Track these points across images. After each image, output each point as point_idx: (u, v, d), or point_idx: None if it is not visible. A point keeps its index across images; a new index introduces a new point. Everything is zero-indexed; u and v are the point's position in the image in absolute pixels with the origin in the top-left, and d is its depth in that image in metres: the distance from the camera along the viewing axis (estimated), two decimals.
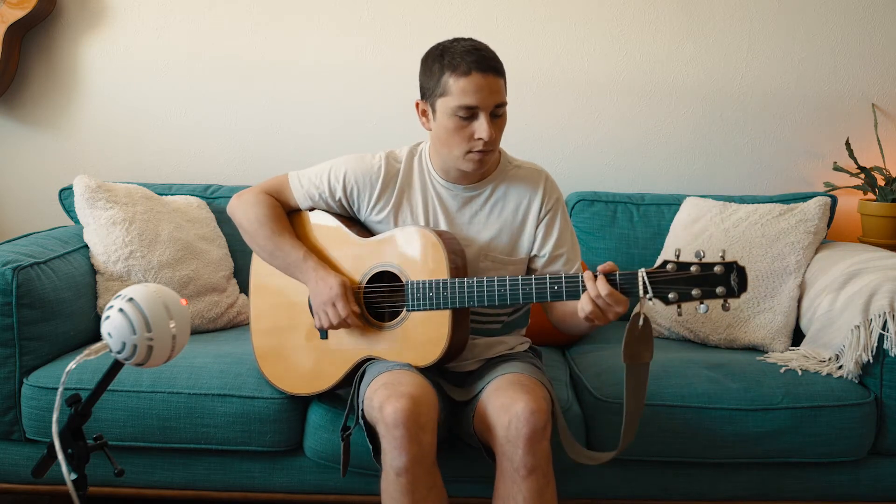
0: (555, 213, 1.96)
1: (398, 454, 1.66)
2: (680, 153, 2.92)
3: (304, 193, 2.00)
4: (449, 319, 1.82)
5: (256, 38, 2.89)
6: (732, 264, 1.59)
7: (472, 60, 1.77)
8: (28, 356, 2.12)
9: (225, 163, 2.94)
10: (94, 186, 2.44)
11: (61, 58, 2.90)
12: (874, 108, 2.87)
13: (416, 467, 1.67)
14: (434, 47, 1.86)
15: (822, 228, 2.48)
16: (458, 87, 1.77)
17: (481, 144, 1.81)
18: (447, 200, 1.96)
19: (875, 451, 2.10)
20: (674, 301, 1.61)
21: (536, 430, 1.68)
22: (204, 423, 2.05)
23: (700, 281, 1.60)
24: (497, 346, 2.00)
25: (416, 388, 1.73)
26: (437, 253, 1.83)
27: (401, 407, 1.66)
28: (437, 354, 1.83)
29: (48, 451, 1.41)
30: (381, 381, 1.76)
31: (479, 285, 1.77)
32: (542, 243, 1.95)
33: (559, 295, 1.71)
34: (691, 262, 1.60)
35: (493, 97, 1.79)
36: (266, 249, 1.99)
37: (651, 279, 1.62)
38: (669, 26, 2.87)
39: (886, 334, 2.04)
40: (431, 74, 1.83)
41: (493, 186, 1.95)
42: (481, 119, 1.79)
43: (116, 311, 1.34)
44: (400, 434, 1.65)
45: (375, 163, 1.97)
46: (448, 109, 1.80)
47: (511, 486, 1.70)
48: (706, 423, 2.03)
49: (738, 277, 1.59)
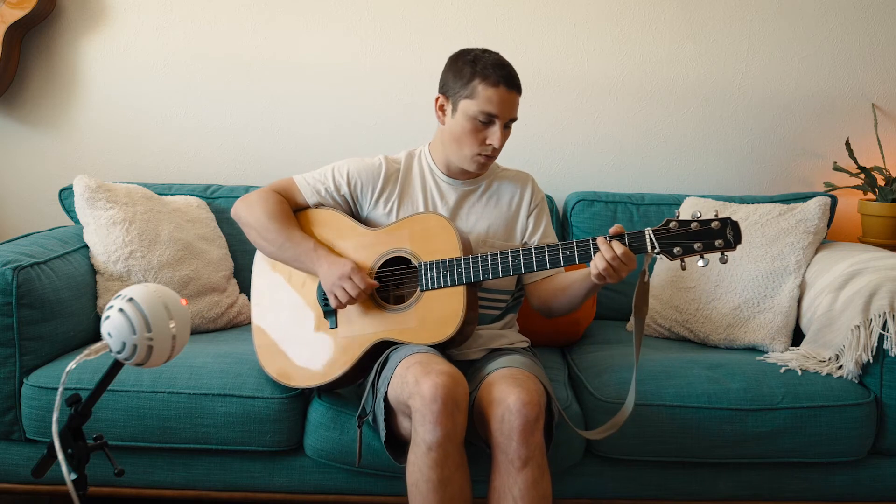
0: (541, 210, 2.13)
1: (433, 427, 1.69)
2: (680, 153, 2.92)
3: (311, 190, 2.08)
4: (463, 296, 1.89)
5: (256, 38, 2.89)
6: (727, 219, 1.75)
7: (503, 75, 1.92)
8: (28, 356, 2.12)
9: (225, 163, 2.94)
10: (94, 186, 2.44)
11: (61, 58, 2.90)
12: (874, 108, 2.87)
13: (448, 443, 1.70)
14: (465, 51, 1.99)
15: (822, 228, 2.48)
16: (486, 95, 1.92)
17: (490, 150, 1.96)
18: (447, 193, 2.08)
19: (875, 451, 2.11)
20: (678, 255, 1.76)
21: (528, 421, 1.71)
22: (204, 423, 2.05)
23: (700, 235, 1.75)
24: (498, 338, 2.07)
25: (451, 368, 1.77)
26: (447, 233, 1.93)
27: (441, 382, 1.70)
28: (452, 329, 1.88)
29: (48, 451, 1.41)
30: (413, 360, 1.79)
31: (493, 258, 1.88)
32: (533, 232, 2.11)
33: (572, 259, 1.83)
34: (691, 220, 1.76)
35: (510, 111, 1.95)
36: (275, 243, 2.02)
37: (657, 236, 1.76)
38: (669, 26, 2.87)
39: (886, 334, 2.04)
40: (461, 76, 1.95)
41: (487, 182, 2.12)
42: (496, 127, 1.94)
43: (116, 311, 1.34)
44: (437, 408, 1.68)
45: (376, 162, 2.09)
46: (470, 112, 1.94)
47: (506, 478, 1.73)
48: (706, 423, 2.03)
49: (733, 231, 1.74)
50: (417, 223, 1.98)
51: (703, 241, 1.75)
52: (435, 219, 1.97)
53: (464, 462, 1.75)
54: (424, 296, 1.93)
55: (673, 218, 1.78)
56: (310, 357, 2.01)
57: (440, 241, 1.94)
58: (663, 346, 2.39)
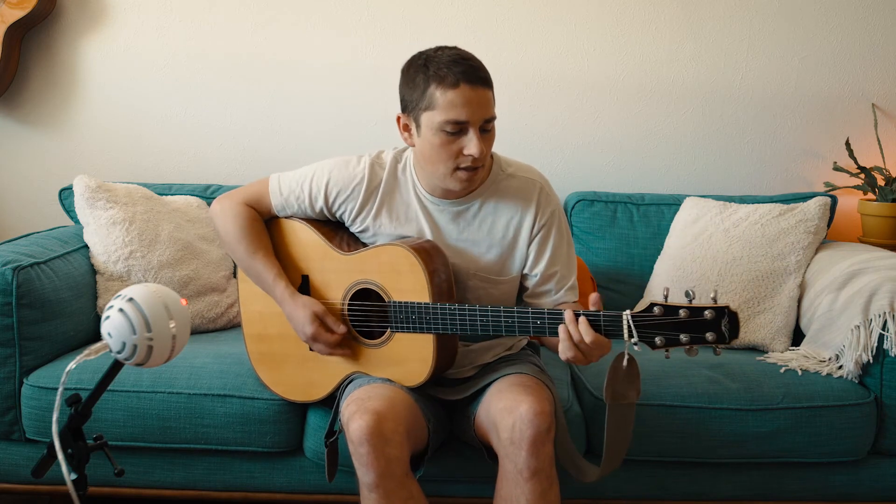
0: (549, 230, 1.86)
1: (366, 470, 1.66)
2: (680, 153, 2.92)
3: (282, 201, 1.94)
4: (433, 342, 1.78)
5: (256, 38, 2.89)
6: (724, 309, 1.48)
7: (460, 71, 1.66)
8: (28, 356, 2.12)
9: (225, 163, 2.94)
10: (94, 186, 2.44)
11: (61, 58, 2.90)
12: (874, 108, 2.87)
13: (387, 481, 1.66)
14: (416, 56, 1.75)
15: (822, 228, 2.48)
16: (446, 101, 1.67)
17: (470, 161, 1.71)
18: (435, 215, 1.87)
19: (875, 451, 2.11)
20: (661, 346, 1.52)
21: (540, 432, 1.65)
22: (204, 423, 2.05)
23: (689, 326, 1.49)
24: (494, 348, 1.97)
25: (385, 401, 1.71)
26: (417, 273, 1.76)
27: (364, 424, 1.65)
28: (423, 376, 1.81)
29: (48, 451, 1.41)
30: (353, 397, 1.76)
31: (461, 313, 1.71)
32: (535, 262, 1.87)
33: (542, 330, 1.65)
34: (680, 306, 1.50)
35: (482, 111, 1.69)
36: (242, 265, 1.97)
37: (637, 322, 1.52)
38: (669, 26, 2.87)
39: (886, 334, 2.04)
40: (415, 86, 1.71)
41: (481, 201, 1.85)
42: (470, 134, 1.69)
43: (116, 311, 1.34)
44: (365, 451, 1.65)
45: (359, 171, 1.88)
46: (434, 124, 1.69)
47: (514, 489, 1.69)
48: (706, 423, 2.03)
49: (730, 323, 1.48)
50: (390, 255, 1.80)
51: (692, 335, 1.49)
52: (407, 256, 1.76)
53: (412, 493, 1.69)
54: (396, 335, 1.82)
55: (659, 301, 1.52)
56: (293, 373, 1.99)
57: (411, 279, 1.76)
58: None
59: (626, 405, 1.63)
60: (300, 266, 1.95)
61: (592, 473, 1.79)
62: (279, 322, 1.96)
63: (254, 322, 2.03)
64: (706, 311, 1.48)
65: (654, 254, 2.61)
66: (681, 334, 1.50)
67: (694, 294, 1.50)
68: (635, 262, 2.64)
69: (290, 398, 2.02)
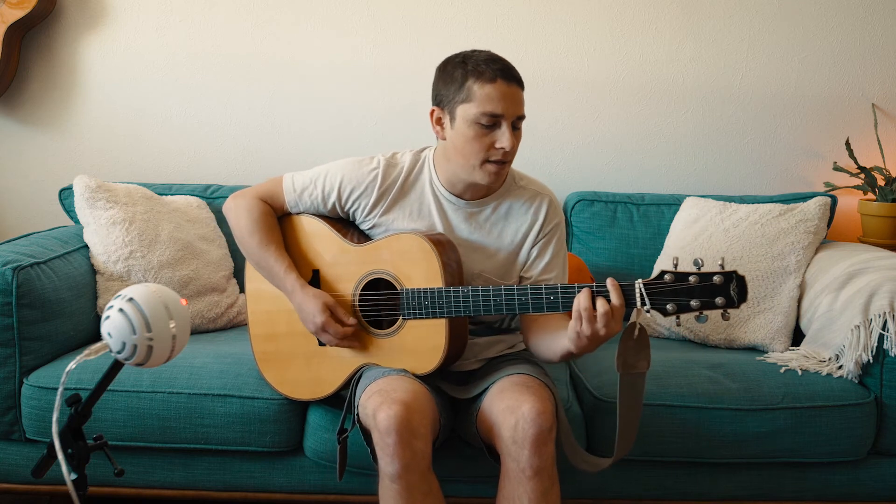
0: (551, 237, 1.94)
1: (391, 461, 1.66)
2: (680, 153, 2.92)
3: (295, 198, 1.98)
4: (445, 328, 1.81)
5: (256, 38, 2.89)
6: (732, 274, 1.56)
7: (498, 69, 1.77)
8: (28, 356, 2.12)
9: (225, 163, 2.94)
10: (94, 186, 2.44)
11: (61, 58, 2.90)
12: (874, 108, 2.87)
13: (410, 474, 1.66)
14: (453, 56, 1.84)
15: (822, 228, 2.48)
16: (483, 94, 1.75)
17: (501, 154, 1.79)
18: (448, 213, 1.93)
19: (875, 451, 2.11)
20: (672, 312, 1.58)
21: (543, 431, 1.67)
22: (204, 423, 2.05)
23: (699, 291, 1.56)
24: (497, 344, 2.00)
25: (409, 394, 1.72)
26: (430, 260, 1.81)
27: (393, 414, 1.65)
28: (434, 363, 1.83)
29: (48, 451, 1.41)
30: (375, 388, 1.76)
31: (474, 294, 1.76)
32: (532, 265, 1.93)
33: (555, 306, 1.69)
34: (689, 273, 1.57)
35: (515, 107, 1.78)
36: (253, 258, 1.99)
37: (648, 290, 1.59)
38: (669, 26, 2.87)
39: (886, 334, 2.04)
40: (452, 80, 1.80)
41: (496, 204, 1.93)
42: (503, 128, 1.77)
43: (116, 311, 1.34)
44: (392, 441, 1.65)
45: (372, 170, 1.94)
46: (470, 116, 1.77)
47: (516, 487, 1.70)
48: (706, 423, 2.03)
49: (738, 287, 1.55)
50: (404, 244, 1.85)
51: (702, 300, 1.56)
52: (420, 242, 1.82)
53: (432, 488, 1.71)
54: (407, 323, 1.85)
55: (669, 269, 1.58)
56: (300, 371, 1.99)
57: (424, 266, 1.81)
58: (663, 346, 2.39)
59: (636, 374, 1.67)
60: (311, 261, 1.97)
61: (605, 461, 1.81)
62: (287, 320, 1.97)
63: (261, 322, 2.04)
64: (715, 277, 1.55)
65: (654, 254, 2.62)
66: (691, 300, 1.56)
67: (702, 262, 1.55)
68: (635, 262, 2.64)
69: (297, 397, 2.02)
